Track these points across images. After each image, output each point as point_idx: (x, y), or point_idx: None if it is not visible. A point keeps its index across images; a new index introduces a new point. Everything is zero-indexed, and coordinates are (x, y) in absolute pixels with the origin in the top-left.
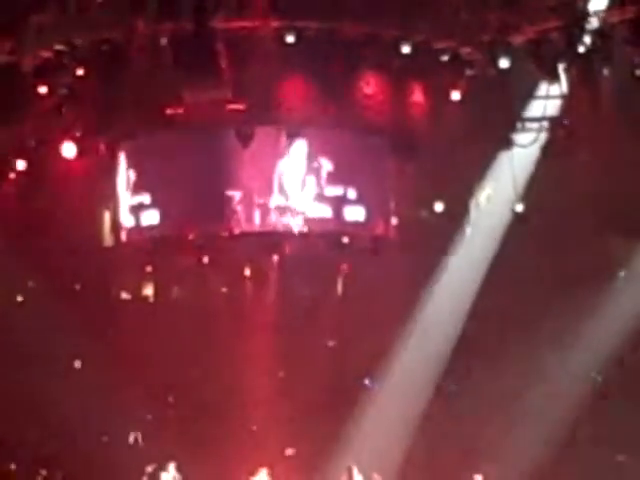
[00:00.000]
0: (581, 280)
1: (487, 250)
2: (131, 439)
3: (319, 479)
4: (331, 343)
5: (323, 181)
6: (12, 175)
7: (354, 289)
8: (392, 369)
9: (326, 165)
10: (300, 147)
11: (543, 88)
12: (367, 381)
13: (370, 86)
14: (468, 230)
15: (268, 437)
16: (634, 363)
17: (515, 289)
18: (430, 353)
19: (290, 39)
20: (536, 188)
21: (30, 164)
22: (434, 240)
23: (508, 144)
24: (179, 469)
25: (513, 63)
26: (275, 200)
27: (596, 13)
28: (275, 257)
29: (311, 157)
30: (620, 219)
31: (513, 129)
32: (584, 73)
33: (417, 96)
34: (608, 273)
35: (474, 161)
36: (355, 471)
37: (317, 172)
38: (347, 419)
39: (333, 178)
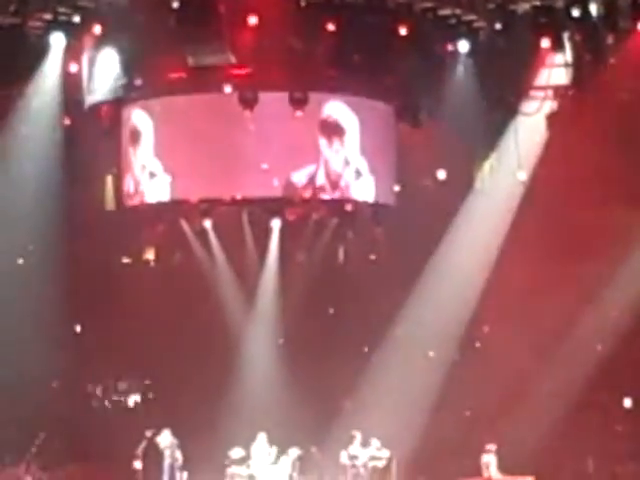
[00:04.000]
0: (586, 248)
1: (491, 218)
2: (131, 403)
3: (320, 446)
4: (332, 310)
5: (327, 147)
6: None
7: (356, 256)
8: (394, 336)
9: (331, 131)
10: (306, 112)
11: (548, 56)
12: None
13: (375, 51)
14: (472, 198)
15: (267, 403)
16: None
17: (519, 258)
18: (433, 321)
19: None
20: (541, 157)
21: (33, 126)
22: (437, 208)
23: (513, 113)
24: (175, 434)
25: (518, 31)
26: (279, 165)
27: None
28: (277, 223)
29: (315, 122)
30: (625, 188)
31: (518, 98)
32: (589, 41)
33: (423, 63)
34: (613, 242)
35: (479, 129)
36: (358, 438)
37: (322, 137)
38: (348, 386)
39: (338, 144)
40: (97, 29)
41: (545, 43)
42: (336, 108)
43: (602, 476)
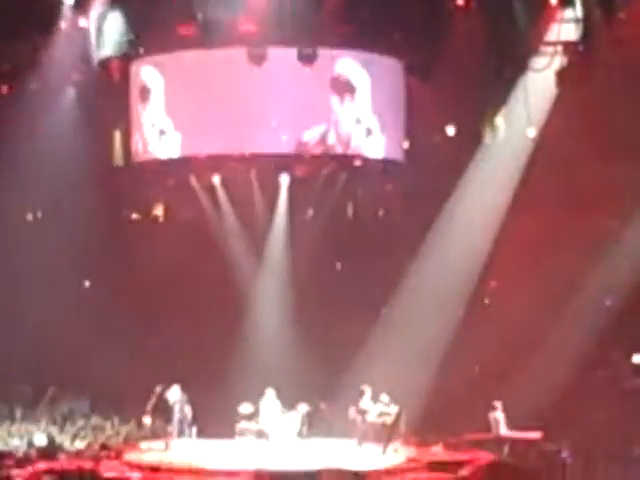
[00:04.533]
0: (595, 204)
1: (500, 174)
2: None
3: (329, 402)
4: (339, 265)
5: (339, 105)
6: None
7: (365, 212)
8: (403, 292)
9: (343, 88)
10: (316, 69)
11: (558, 12)
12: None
13: (384, 6)
14: (481, 154)
15: (276, 358)
16: None
17: (528, 213)
18: (442, 277)
19: None
20: (550, 112)
21: (42, 82)
22: (446, 164)
23: (523, 68)
24: (185, 389)
25: None
26: (289, 122)
27: None
28: (286, 178)
29: (326, 80)
30: (634, 144)
31: (528, 53)
32: None
33: (432, 18)
34: (622, 197)
35: (488, 85)
36: (368, 393)
37: (333, 95)
38: (357, 342)
39: (350, 102)
40: None
41: None
42: (347, 65)
43: (611, 432)
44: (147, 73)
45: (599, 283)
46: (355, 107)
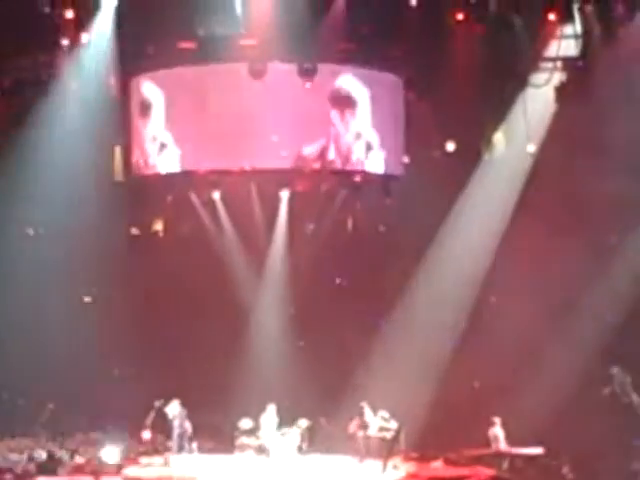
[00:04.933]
0: (594, 220)
1: (500, 190)
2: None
3: (329, 417)
4: (339, 280)
5: (339, 120)
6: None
7: (364, 227)
8: (403, 307)
9: (343, 103)
10: (316, 84)
11: (557, 28)
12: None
13: (384, 22)
14: (480, 170)
15: (276, 373)
16: None
17: (528, 229)
18: (441, 292)
19: None
20: (549, 128)
21: (44, 98)
22: (445, 180)
23: (522, 84)
24: (185, 404)
25: (528, 2)
26: (289, 137)
27: None
28: (286, 194)
29: (326, 95)
30: (633, 160)
31: (527, 69)
32: (599, 13)
33: (432, 34)
34: (621, 213)
35: (488, 101)
36: (367, 409)
37: (333, 110)
38: (357, 357)
39: (350, 117)
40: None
41: (555, 15)
42: (347, 81)
43: (612, 447)
44: (147, 88)
45: (599, 298)
46: (355, 122)
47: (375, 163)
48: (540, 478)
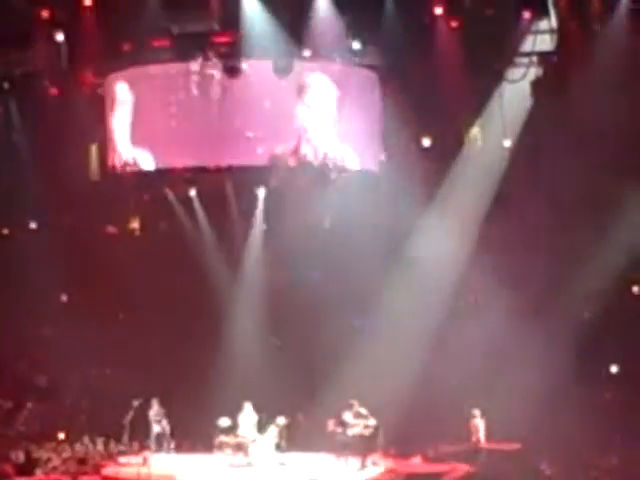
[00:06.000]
0: (571, 216)
1: (476, 185)
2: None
3: (307, 414)
4: (316, 276)
5: (310, 116)
6: None
7: (341, 224)
8: (380, 304)
9: (316, 98)
10: (289, 81)
11: (533, 23)
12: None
13: (359, 17)
14: (457, 165)
15: (253, 371)
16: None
17: (505, 225)
18: (420, 289)
19: None
20: (525, 123)
21: (18, 94)
22: (422, 175)
23: (498, 79)
24: (162, 404)
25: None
26: (264, 134)
27: None
28: (262, 191)
29: (298, 91)
30: (610, 156)
31: (503, 64)
32: (574, 7)
33: (408, 29)
34: (598, 209)
35: (464, 96)
36: (356, 406)
37: (304, 107)
38: (334, 354)
39: (321, 113)
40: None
41: (530, 10)
42: (318, 78)
43: (589, 443)
44: (120, 88)
45: (576, 296)
46: (330, 119)
47: (351, 159)
48: (518, 473)
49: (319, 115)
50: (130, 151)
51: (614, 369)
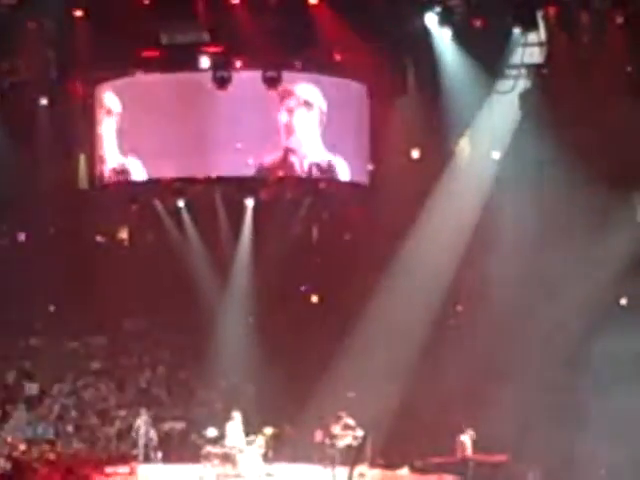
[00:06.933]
0: (560, 228)
1: (465, 196)
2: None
3: (294, 425)
4: (303, 288)
5: (299, 127)
6: None
7: (330, 236)
8: (368, 316)
9: (303, 111)
10: (278, 92)
11: (522, 36)
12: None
13: (349, 29)
14: (446, 177)
15: (241, 382)
16: None
17: (494, 237)
18: (408, 301)
19: None
20: (514, 135)
21: (6, 104)
22: (411, 187)
23: (487, 91)
24: (148, 414)
25: (492, 9)
26: (252, 145)
27: None
28: (251, 202)
29: (287, 103)
30: (598, 168)
31: (492, 76)
32: (563, 20)
33: (397, 42)
34: (589, 223)
35: (453, 108)
36: (342, 416)
37: (293, 118)
38: (322, 365)
39: (310, 124)
40: (77, 12)
41: (519, 22)
42: (306, 89)
43: (578, 455)
44: (110, 97)
45: (565, 306)
46: (318, 130)
47: (340, 171)
48: None
49: (308, 126)
50: (120, 160)
51: None
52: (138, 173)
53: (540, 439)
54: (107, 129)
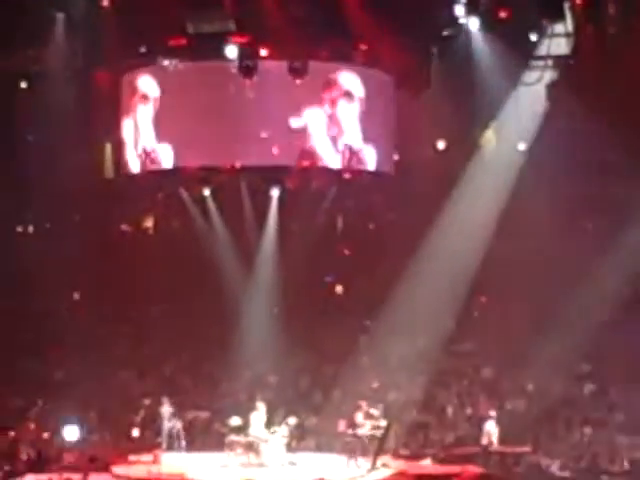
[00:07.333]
0: (585, 219)
1: (491, 187)
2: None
3: (318, 415)
4: (328, 279)
5: (328, 116)
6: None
7: (355, 225)
8: (392, 306)
9: (333, 100)
10: (307, 81)
11: (549, 27)
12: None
13: (376, 20)
14: (472, 168)
15: (265, 371)
16: None
17: (519, 228)
18: (432, 291)
19: None
20: (541, 126)
21: (34, 93)
22: (436, 178)
23: (514, 82)
24: (174, 402)
25: (519, 2)
26: (279, 134)
27: None
28: (277, 191)
29: (317, 91)
30: (625, 159)
31: (519, 67)
32: (590, 11)
33: (424, 32)
34: (612, 213)
35: (479, 99)
36: (364, 406)
37: (323, 107)
38: (346, 355)
39: (340, 113)
40: (104, 2)
41: (546, 13)
42: (349, 78)
43: (599, 446)
44: (146, 82)
45: (588, 298)
46: (346, 120)
47: (366, 160)
48: (529, 476)
49: (339, 115)
50: (154, 146)
51: None
52: (164, 161)
53: (563, 430)
54: (142, 115)
